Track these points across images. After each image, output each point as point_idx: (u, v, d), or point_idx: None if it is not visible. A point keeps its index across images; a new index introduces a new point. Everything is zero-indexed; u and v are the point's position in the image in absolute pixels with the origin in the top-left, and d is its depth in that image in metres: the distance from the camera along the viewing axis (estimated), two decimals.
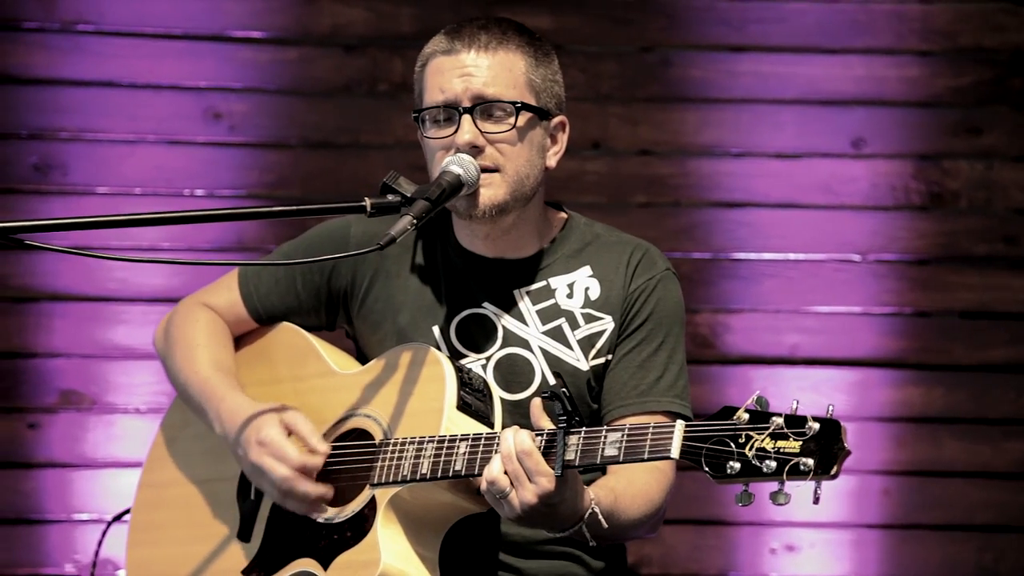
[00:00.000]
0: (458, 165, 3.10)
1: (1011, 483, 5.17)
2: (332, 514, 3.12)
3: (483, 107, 3.14)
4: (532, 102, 3.17)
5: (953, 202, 5.21)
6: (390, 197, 3.04)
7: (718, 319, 5.18)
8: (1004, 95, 5.21)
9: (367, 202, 3.01)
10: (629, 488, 3.08)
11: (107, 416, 5.05)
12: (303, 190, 5.11)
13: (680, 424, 2.80)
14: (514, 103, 3.14)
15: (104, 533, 3.51)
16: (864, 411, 5.17)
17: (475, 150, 3.13)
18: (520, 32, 3.20)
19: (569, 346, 3.23)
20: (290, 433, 3.12)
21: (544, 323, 3.23)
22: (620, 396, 3.21)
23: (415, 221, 3.00)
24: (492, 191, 3.15)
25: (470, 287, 3.25)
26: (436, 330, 3.24)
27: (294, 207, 3.06)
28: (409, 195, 3.03)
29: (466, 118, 3.13)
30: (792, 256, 5.20)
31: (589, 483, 3.04)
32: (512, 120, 3.15)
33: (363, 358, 3.31)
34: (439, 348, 3.21)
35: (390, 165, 3.97)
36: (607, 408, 3.22)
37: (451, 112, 3.14)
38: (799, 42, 5.19)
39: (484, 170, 3.14)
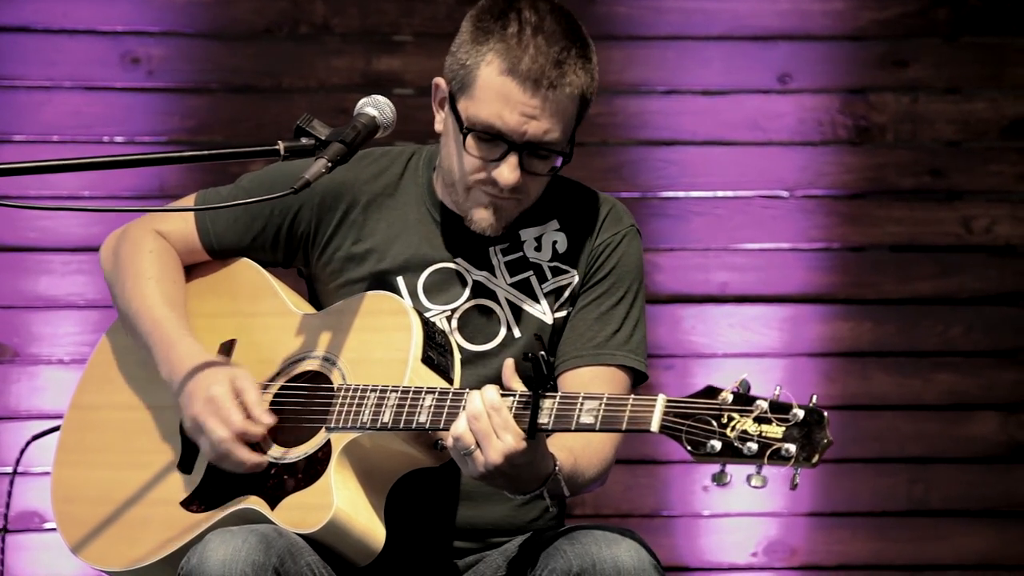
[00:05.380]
0: (374, 107, 3.05)
1: (940, 414, 5.20)
2: (282, 454, 3.08)
3: (532, 148, 3.08)
4: (568, 140, 3.12)
5: (880, 136, 5.21)
6: (304, 140, 2.99)
7: (647, 258, 5.08)
8: (929, 27, 5.20)
9: (280, 146, 2.96)
10: (587, 448, 3.08)
11: (30, 368, 4.99)
12: (225, 135, 5.05)
13: (661, 398, 2.78)
14: (562, 152, 3.10)
15: (22, 451, 3.43)
16: (794, 347, 5.18)
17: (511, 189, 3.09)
18: (586, 63, 3.07)
19: (536, 299, 3.22)
20: (237, 396, 3.07)
21: (512, 275, 3.22)
22: (575, 347, 3.20)
23: (329, 164, 2.95)
24: (506, 215, 3.13)
25: (444, 243, 3.22)
26: (401, 280, 3.21)
27: (211, 151, 3.02)
28: (324, 138, 2.99)
29: (513, 157, 3.07)
30: (720, 193, 5.19)
31: None
32: (553, 162, 3.11)
33: (316, 302, 3.28)
34: (403, 297, 3.18)
35: (313, 108, 3.93)
36: (561, 359, 3.21)
37: (499, 141, 3.07)
38: None
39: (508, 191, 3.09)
